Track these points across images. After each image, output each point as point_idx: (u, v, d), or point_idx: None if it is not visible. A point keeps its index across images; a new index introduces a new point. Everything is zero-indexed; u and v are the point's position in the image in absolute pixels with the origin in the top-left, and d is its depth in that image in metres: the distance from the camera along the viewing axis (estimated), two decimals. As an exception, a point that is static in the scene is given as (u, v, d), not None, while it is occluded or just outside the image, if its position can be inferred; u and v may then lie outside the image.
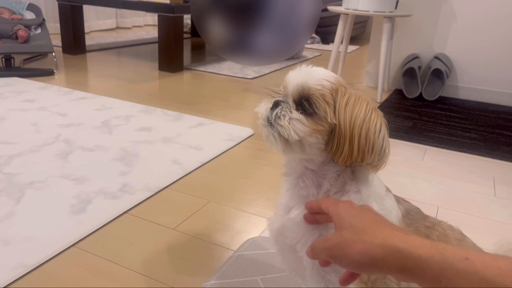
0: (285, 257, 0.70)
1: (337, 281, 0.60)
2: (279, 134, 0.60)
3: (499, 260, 0.39)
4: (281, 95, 0.64)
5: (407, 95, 2.70)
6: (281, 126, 0.59)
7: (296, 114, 0.59)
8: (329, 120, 0.58)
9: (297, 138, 0.58)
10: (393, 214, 0.62)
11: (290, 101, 0.61)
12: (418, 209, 0.68)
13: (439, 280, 0.41)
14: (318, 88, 0.59)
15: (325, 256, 0.50)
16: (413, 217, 0.64)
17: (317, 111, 0.58)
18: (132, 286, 0.92)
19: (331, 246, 0.49)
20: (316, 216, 0.59)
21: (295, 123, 0.58)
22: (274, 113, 0.61)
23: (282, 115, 0.60)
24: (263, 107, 0.64)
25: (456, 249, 0.41)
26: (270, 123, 0.61)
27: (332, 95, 0.59)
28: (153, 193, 1.30)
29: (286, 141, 0.59)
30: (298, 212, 0.63)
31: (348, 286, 0.55)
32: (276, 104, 0.61)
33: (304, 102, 0.59)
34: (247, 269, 0.97)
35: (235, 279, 0.94)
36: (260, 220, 1.20)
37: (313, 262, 0.61)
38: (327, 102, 0.58)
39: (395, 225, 0.50)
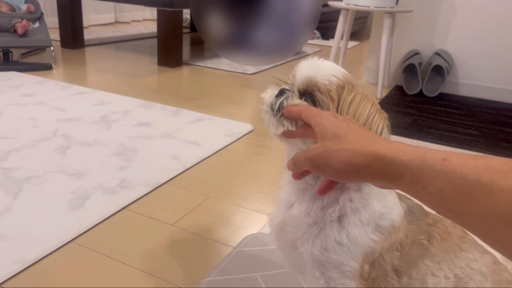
0: (286, 253, 0.69)
1: (338, 277, 0.59)
2: (280, 122, 0.59)
3: (476, 159, 0.40)
4: (289, 84, 0.64)
5: (407, 91, 2.69)
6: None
7: (298, 101, 0.59)
8: None
9: (296, 126, 0.57)
10: (395, 211, 0.61)
11: (296, 91, 0.61)
12: (420, 206, 0.67)
13: (417, 182, 0.41)
14: (325, 83, 0.58)
15: (307, 167, 0.50)
16: (415, 214, 0.63)
17: (319, 107, 0.58)
18: (130, 282, 0.92)
19: (314, 156, 0.49)
20: (292, 132, 0.59)
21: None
22: (279, 101, 0.60)
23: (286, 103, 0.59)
24: (269, 93, 0.63)
25: (436, 152, 0.42)
26: (273, 109, 0.60)
27: (338, 91, 0.58)
28: (151, 189, 1.30)
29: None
30: (299, 209, 0.62)
31: (350, 286, 0.54)
32: (281, 92, 0.61)
33: (309, 95, 0.59)
34: (247, 266, 0.96)
35: (234, 276, 0.93)
36: (259, 216, 1.20)
37: (314, 259, 0.61)
38: (331, 98, 0.58)
39: (377, 135, 0.50)
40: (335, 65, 0.61)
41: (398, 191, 0.65)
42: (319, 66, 0.60)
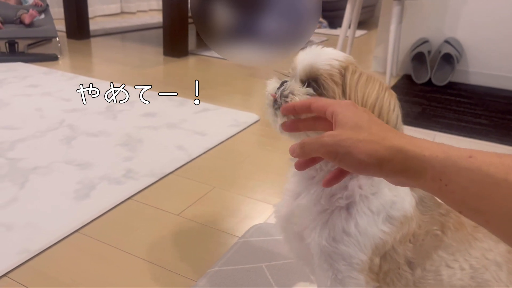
0: (292, 245, 0.68)
1: (345, 270, 0.58)
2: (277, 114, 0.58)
3: (503, 157, 0.38)
4: (289, 77, 0.62)
5: (416, 80, 2.64)
6: (289, 99, 0.57)
7: (303, 89, 0.57)
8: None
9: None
10: (407, 200, 0.59)
11: (298, 80, 0.59)
12: (432, 196, 0.65)
13: (440, 179, 0.39)
14: (326, 68, 0.57)
15: (322, 153, 0.46)
16: (427, 204, 0.61)
17: (325, 92, 0.57)
18: (135, 272, 0.91)
19: (332, 142, 0.45)
20: (298, 123, 0.56)
21: (302, 96, 0.56)
22: (280, 90, 0.58)
23: (290, 92, 0.58)
24: (271, 87, 0.62)
25: (460, 149, 0.40)
26: (276, 102, 0.59)
27: (341, 74, 0.57)
28: (157, 179, 1.29)
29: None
30: (307, 197, 0.61)
31: (358, 279, 0.53)
32: (283, 84, 0.60)
33: (312, 83, 0.58)
34: (252, 256, 0.96)
35: (240, 266, 0.92)
36: (265, 207, 1.19)
37: (321, 250, 0.59)
38: (335, 82, 0.57)
39: (398, 131, 0.48)
40: (335, 50, 0.60)
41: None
42: (318, 53, 0.59)
